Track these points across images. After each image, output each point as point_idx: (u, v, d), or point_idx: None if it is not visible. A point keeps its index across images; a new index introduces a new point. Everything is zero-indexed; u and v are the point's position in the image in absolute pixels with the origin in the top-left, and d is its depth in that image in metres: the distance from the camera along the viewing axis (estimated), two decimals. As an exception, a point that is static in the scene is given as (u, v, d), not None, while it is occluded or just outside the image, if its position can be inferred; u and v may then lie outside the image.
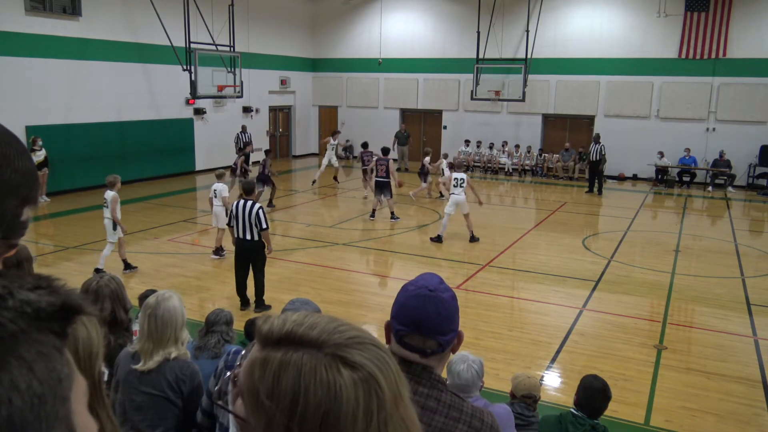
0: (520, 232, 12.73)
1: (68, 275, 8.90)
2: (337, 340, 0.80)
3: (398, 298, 1.64)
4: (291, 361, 0.78)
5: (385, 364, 0.81)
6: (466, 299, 8.64)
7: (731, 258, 11.11)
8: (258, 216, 7.61)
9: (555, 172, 20.86)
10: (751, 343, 7.32)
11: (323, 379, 0.77)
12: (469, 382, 3.30)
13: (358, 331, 0.84)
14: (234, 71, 17.61)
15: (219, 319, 3.99)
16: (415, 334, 1.58)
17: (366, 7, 23.90)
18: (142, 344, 3.04)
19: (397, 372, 0.83)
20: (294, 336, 0.80)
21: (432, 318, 1.57)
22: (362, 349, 0.81)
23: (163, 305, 3.02)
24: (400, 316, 1.60)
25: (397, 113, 24.25)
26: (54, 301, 0.58)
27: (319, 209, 15.18)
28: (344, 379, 0.77)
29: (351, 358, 0.79)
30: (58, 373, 0.56)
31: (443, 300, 1.60)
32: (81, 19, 15.78)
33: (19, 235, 0.90)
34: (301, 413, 0.76)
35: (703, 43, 19.15)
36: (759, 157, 18.75)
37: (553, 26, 20.83)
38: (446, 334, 1.60)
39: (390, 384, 0.80)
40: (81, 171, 15.99)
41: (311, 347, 0.79)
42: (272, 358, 0.79)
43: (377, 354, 0.82)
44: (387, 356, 0.83)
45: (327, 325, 0.83)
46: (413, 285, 1.63)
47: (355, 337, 0.82)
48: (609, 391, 3.75)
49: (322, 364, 0.78)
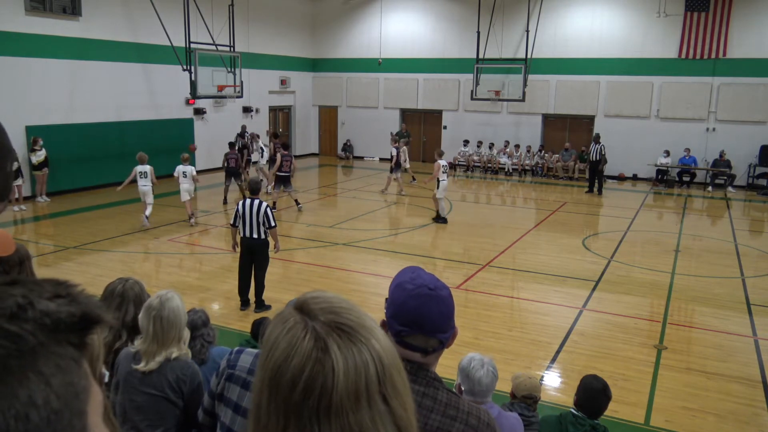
0: (520, 232, 12.73)
1: (68, 275, 8.90)
2: (318, 311, 0.91)
3: (395, 296, 1.61)
4: (282, 314, 0.94)
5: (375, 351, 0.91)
6: (466, 299, 8.64)
7: (731, 258, 11.12)
8: (266, 214, 7.63)
9: (555, 172, 20.87)
10: (751, 343, 7.32)
11: (288, 331, 0.90)
12: (489, 388, 3.19)
13: (353, 311, 0.93)
14: (234, 71, 17.61)
15: (196, 323, 3.86)
16: (417, 333, 1.56)
17: (366, 7, 23.91)
18: (147, 346, 3.01)
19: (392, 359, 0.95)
20: (305, 306, 0.93)
21: (434, 317, 1.56)
22: (334, 318, 0.91)
23: (167, 306, 3.00)
24: (401, 316, 1.58)
25: (397, 113, 24.26)
26: (74, 312, 0.56)
27: (320, 209, 15.18)
28: (306, 338, 0.88)
29: (319, 319, 0.90)
30: (76, 386, 0.55)
31: (443, 298, 1.59)
32: (81, 19, 15.77)
33: (9, 194, 0.96)
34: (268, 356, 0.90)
35: (703, 43, 19.15)
36: (759, 157, 18.75)
37: (553, 26, 20.83)
38: (447, 331, 1.60)
39: (342, 351, 0.90)
40: (81, 171, 16.00)
41: (308, 315, 0.91)
42: (283, 312, 0.95)
43: (343, 321, 0.92)
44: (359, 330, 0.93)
45: (335, 303, 0.94)
46: (411, 284, 1.60)
47: (344, 310, 0.93)
48: (609, 392, 3.75)
49: (295, 318, 0.91)
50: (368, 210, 14.13)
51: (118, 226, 12.41)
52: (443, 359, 1.75)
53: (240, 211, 7.74)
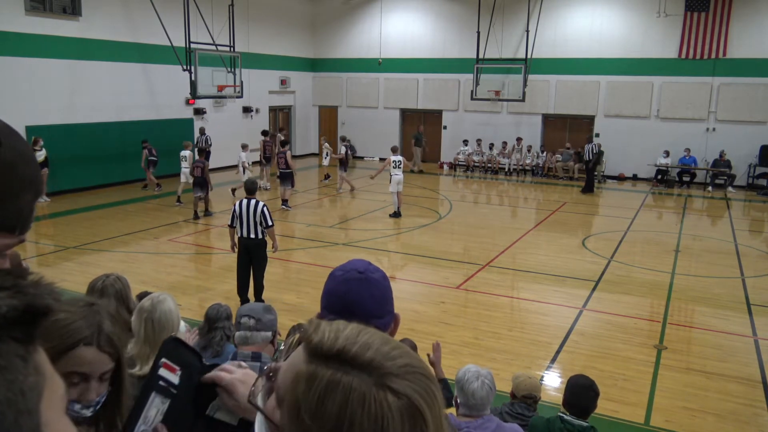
0: (520, 232, 12.73)
1: (68, 275, 8.91)
2: (389, 368, 0.76)
3: (326, 287, 1.52)
4: (340, 385, 0.74)
5: (433, 397, 0.78)
6: (466, 299, 8.64)
7: (731, 258, 11.12)
8: (264, 213, 7.72)
9: (555, 172, 20.87)
10: (750, 343, 7.32)
11: (371, 409, 0.73)
12: (484, 401, 3.14)
13: (410, 359, 0.80)
14: (234, 71, 17.61)
15: (220, 315, 3.99)
16: (349, 320, 1.51)
17: (366, 7, 23.91)
18: (139, 348, 2.96)
19: (441, 403, 0.81)
20: (346, 355, 0.76)
21: (366, 301, 1.47)
22: (412, 380, 0.77)
23: (159, 308, 2.97)
24: (331, 304, 1.49)
25: (397, 113, 24.26)
26: (16, 305, 0.52)
27: (320, 209, 15.18)
28: (392, 411, 0.73)
29: (402, 390, 0.75)
30: (20, 384, 0.51)
31: (375, 281, 1.50)
32: (81, 19, 15.78)
33: (29, 228, 0.89)
34: None
35: (703, 43, 19.15)
36: (759, 157, 18.75)
37: (553, 26, 20.83)
38: (383, 316, 1.50)
39: (435, 417, 0.77)
40: (81, 171, 16.00)
41: (362, 371, 0.75)
42: (320, 376, 0.75)
43: (426, 386, 0.78)
44: (434, 387, 0.80)
45: (381, 347, 0.79)
46: (340, 270, 1.52)
47: (407, 366, 0.78)
48: (596, 388, 3.69)
49: (371, 393, 0.74)
50: (368, 210, 14.13)
51: (118, 226, 12.41)
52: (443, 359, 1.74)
53: (237, 211, 7.80)
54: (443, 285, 9.14)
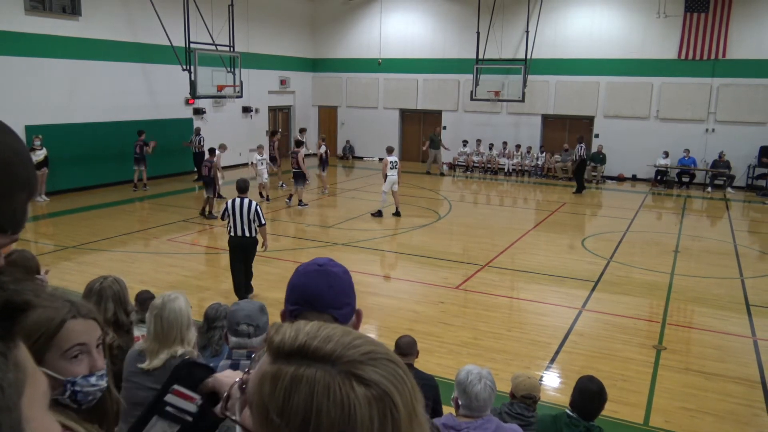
0: (520, 232, 12.73)
1: (67, 275, 8.92)
2: (351, 356, 0.76)
3: (290, 282, 1.59)
4: (303, 378, 0.74)
5: (401, 381, 0.78)
6: (466, 299, 8.64)
7: (730, 259, 11.12)
8: (257, 212, 7.89)
9: (554, 173, 20.88)
10: (750, 344, 7.33)
11: (337, 398, 0.73)
12: (486, 402, 3.13)
13: (374, 346, 0.80)
14: (234, 71, 17.61)
15: (219, 315, 3.99)
16: (308, 311, 1.51)
17: (366, 7, 23.91)
18: (149, 344, 3.09)
19: (413, 388, 0.80)
20: (307, 350, 0.77)
21: (323, 292, 1.53)
22: (377, 365, 0.77)
23: (168, 306, 3.06)
24: (292, 296, 1.55)
25: (396, 113, 24.26)
26: None
27: (320, 209, 15.18)
28: (359, 398, 0.73)
29: (366, 376, 0.75)
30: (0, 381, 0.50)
31: (334, 273, 1.56)
32: (81, 19, 15.77)
33: (22, 228, 0.89)
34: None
35: (702, 44, 19.16)
36: (758, 158, 18.76)
37: (552, 27, 20.84)
38: (341, 308, 1.54)
39: (405, 402, 0.77)
40: (81, 171, 15.99)
41: (325, 363, 0.75)
42: (284, 373, 0.76)
43: (393, 370, 0.78)
44: (403, 372, 0.80)
45: (341, 338, 0.79)
46: (303, 265, 1.60)
47: (370, 353, 0.78)
48: (605, 394, 3.70)
49: (336, 382, 0.74)
50: (368, 210, 14.12)
51: (117, 225, 12.40)
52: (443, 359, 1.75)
53: (229, 209, 7.86)
54: (442, 285, 9.15)
